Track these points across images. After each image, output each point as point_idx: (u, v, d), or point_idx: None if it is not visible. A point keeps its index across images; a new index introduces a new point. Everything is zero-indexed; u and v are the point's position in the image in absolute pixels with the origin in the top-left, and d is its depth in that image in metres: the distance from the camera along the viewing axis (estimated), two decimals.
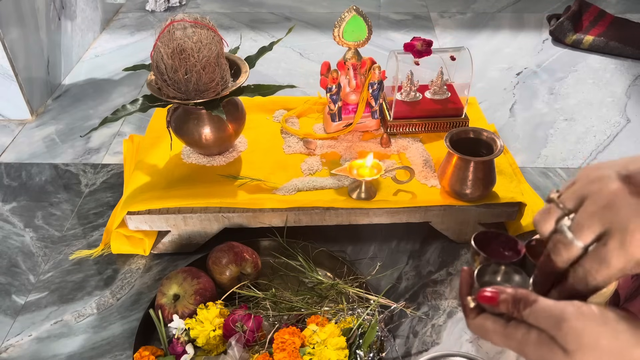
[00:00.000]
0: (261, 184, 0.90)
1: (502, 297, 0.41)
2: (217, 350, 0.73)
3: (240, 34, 1.62)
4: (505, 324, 0.41)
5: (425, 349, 0.77)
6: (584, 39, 1.50)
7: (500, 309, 0.41)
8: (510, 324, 0.41)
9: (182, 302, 0.75)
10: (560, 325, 0.37)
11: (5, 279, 0.88)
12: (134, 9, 1.77)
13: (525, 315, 0.39)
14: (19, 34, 1.20)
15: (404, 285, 0.86)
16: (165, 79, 0.83)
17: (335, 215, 0.86)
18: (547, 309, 0.38)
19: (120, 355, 0.77)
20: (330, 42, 1.42)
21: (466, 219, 0.88)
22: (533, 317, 0.39)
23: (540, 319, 0.38)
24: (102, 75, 1.42)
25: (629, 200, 0.36)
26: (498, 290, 0.41)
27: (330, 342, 0.68)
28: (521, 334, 0.39)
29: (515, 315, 0.40)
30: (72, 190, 1.05)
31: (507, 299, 0.40)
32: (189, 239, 0.89)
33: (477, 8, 1.77)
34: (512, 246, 0.50)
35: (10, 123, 1.25)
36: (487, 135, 0.86)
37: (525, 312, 0.39)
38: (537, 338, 0.39)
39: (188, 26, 0.81)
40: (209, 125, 0.88)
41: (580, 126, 1.22)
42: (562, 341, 0.37)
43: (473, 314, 0.43)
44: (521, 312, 0.39)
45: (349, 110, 0.99)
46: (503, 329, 0.41)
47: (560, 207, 0.40)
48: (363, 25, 0.92)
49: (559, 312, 0.38)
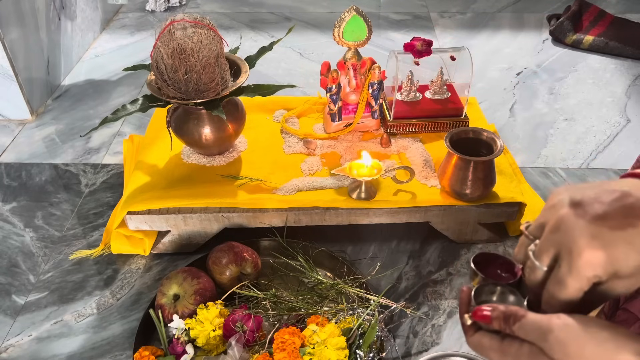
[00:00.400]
0: (261, 184, 0.90)
1: (495, 314, 0.43)
2: (217, 350, 0.73)
3: (240, 34, 1.62)
4: (500, 340, 0.43)
5: (425, 349, 0.77)
6: (584, 39, 1.50)
7: (493, 326, 0.43)
8: (505, 340, 0.43)
9: (182, 302, 0.75)
10: (546, 337, 0.40)
11: (5, 279, 0.88)
12: (134, 9, 1.77)
13: (516, 330, 0.42)
14: (19, 34, 1.20)
15: (404, 285, 0.86)
16: (165, 79, 0.83)
17: (335, 215, 0.86)
18: (534, 323, 0.41)
19: (120, 355, 0.77)
20: (330, 42, 1.42)
21: (466, 219, 0.88)
22: (522, 331, 0.41)
23: (528, 332, 0.41)
24: (102, 75, 1.42)
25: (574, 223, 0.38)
26: (491, 307, 0.44)
27: (330, 342, 0.68)
28: (515, 349, 0.42)
29: (507, 330, 0.42)
30: (72, 190, 1.05)
31: (499, 316, 0.43)
32: (189, 239, 0.89)
33: (477, 8, 1.77)
34: (509, 268, 0.52)
35: (10, 123, 1.25)
36: (487, 135, 0.86)
37: (515, 327, 0.42)
38: (528, 351, 0.41)
39: (188, 26, 0.81)
40: (209, 125, 0.88)
41: (580, 126, 1.22)
42: (550, 352, 0.39)
43: (471, 331, 0.46)
44: (512, 327, 0.42)
45: (349, 110, 0.99)
46: (499, 345, 0.43)
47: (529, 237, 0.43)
48: (363, 25, 0.92)
49: (545, 325, 0.40)
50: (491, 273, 0.52)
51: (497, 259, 0.52)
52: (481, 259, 0.52)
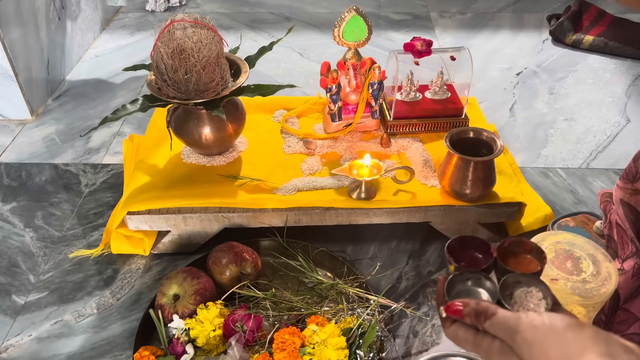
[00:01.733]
0: (261, 184, 0.90)
1: (466, 310, 0.45)
2: (217, 350, 0.73)
3: (240, 34, 1.62)
4: (475, 333, 0.45)
5: (425, 349, 0.77)
6: (584, 39, 1.50)
7: (466, 321, 0.45)
8: (479, 333, 0.44)
9: (182, 302, 0.75)
10: (514, 337, 0.41)
11: (5, 279, 0.88)
12: (134, 9, 1.77)
13: (487, 327, 0.43)
14: (19, 34, 1.20)
15: (404, 285, 0.86)
16: (165, 79, 0.83)
17: (335, 215, 0.86)
18: (503, 321, 0.42)
19: (120, 355, 0.77)
20: (330, 42, 1.41)
21: (466, 219, 0.88)
22: (493, 329, 0.43)
23: (498, 330, 0.42)
24: (102, 75, 1.42)
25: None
26: (462, 303, 0.45)
27: (330, 342, 0.68)
28: (487, 344, 0.43)
29: (479, 327, 0.44)
30: (72, 190, 1.05)
31: (471, 312, 0.44)
32: (189, 239, 0.89)
33: (477, 8, 1.77)
34: (485, 249, 0.53)
35: (10, 123, 1.25)
36: (487, 135, 0.86)
37: (486, 325, 0.43)
38: (499, 348, 0.42)
39: (188, 26, 0.81)
40: (209, 125, 0.88)
41: (580, 126, 1.22)
42: (517, 351, 0.41)
43: (448, 323, 0.47)
44: (482, 324, 0.43)
45: (349, 110, 0.99)
46: (473, 338, 0.45)
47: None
48: (363, 25, 0.91)
49: (513, 324, 0.41)
50: (468, 255, 0.52)
51: (472, 241, 0.53)
52: (457, 243, 0.53)
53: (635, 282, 0.66)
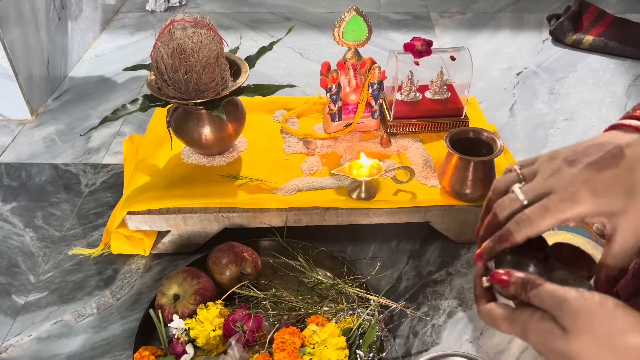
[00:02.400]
0: (261, 184, 0.90)
1: (513, 279, 0.44)
2: (217, 350, 0.73)
3: (240, 34, 1.62)
4: (512, 310, 0.44)
5: (425, 349, 0.77)
6: (584, 39, 1.50)
7: (509, 291, 0.44)
8: (516, 309, 0.44)
9: (182, 302, 0.75)
10: (560, 305, 0.40)
11: (5, 279, 0.88)
12: (134, 9, 1.77)
13: (532, 296, 0.42)
14: (19, 34, 1.20)
15: (404, 285, 0.86)
16: (165, 79, 0.83)
17: (335, 215, 0.86)
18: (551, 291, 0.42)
19: (120, 355, 0.77)
20: (330, 42, 1.41)
21: (466, 219, 0.88)
22: (538, 298, 0.42)
23: (544, 299, 0.42)
24: (102, 75, 1.42)
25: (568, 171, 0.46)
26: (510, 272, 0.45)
27: (330, 342, 0.68)
28: (525, 317, 0.43)
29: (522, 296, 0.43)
30: (72, 190, 1.05)
31: (517, 281, 0.44)
32: (189, 239, 0.89)
33: (477, 8, 1.77)
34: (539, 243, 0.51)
35: (10, 123, 1.25)
36: (487, 135, 0.86)
37: (531, 293, 0.42)
38: (540, 317, 0.42)
39: (188, 26, 0.81)
40: (209, 125, 0.88)
41: (580, 126, 1.22)
42: (562, 321, 0.40)
43: (484, 300, 0.47)
44: (528, 293, 0.43)
45: (349, 110, 0.99)
46: (510, 314, 0.44)
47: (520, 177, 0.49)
48: (363, 25, 0.91)
49: (561, 294, 0.41)
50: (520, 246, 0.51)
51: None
52: None
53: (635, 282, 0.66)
